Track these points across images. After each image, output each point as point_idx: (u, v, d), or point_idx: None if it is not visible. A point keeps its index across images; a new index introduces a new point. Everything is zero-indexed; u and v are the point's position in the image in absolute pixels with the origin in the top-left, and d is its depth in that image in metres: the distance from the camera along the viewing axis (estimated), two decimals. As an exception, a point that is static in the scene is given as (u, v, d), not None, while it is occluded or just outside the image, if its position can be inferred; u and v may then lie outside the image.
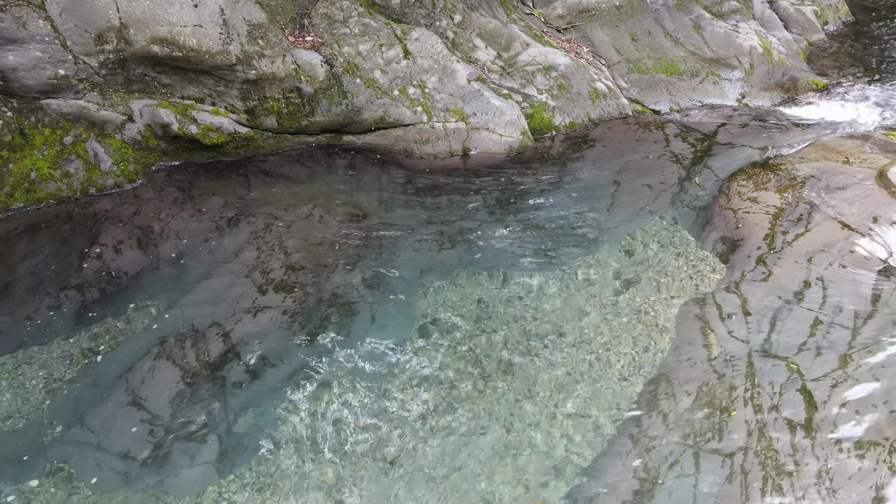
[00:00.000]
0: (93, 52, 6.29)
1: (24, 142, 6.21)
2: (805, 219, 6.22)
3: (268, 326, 5.27)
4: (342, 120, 7.54)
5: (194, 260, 5.90)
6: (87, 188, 6.53)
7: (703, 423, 4.46)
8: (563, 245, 6.33)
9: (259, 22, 6.96)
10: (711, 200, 6.97)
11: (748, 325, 5.23)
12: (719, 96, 9.80)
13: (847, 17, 13.57)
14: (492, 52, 8.94)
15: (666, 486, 4.09)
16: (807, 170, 7.00)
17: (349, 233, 6.34)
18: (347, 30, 7.82)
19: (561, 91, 8.71)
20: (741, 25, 11.00)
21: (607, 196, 7.13)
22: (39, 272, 5.60)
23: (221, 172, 7.11)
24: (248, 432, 4.50)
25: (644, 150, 8.11)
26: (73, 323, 5.22)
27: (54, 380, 4.75)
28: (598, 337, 5.29)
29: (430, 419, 4.61)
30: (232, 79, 6.79)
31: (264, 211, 6.53)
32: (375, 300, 5.61)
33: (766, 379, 4.73)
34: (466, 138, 7.84)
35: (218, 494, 4.11)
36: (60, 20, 6.10)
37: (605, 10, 9.96)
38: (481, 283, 5.84)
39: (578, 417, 4.62)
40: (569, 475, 4.24)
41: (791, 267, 5.70)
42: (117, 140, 6.73)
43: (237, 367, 4.91)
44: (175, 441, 4.38)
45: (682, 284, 5.83)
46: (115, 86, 6.61)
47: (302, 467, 4.28)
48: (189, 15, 6.34)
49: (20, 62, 6.01)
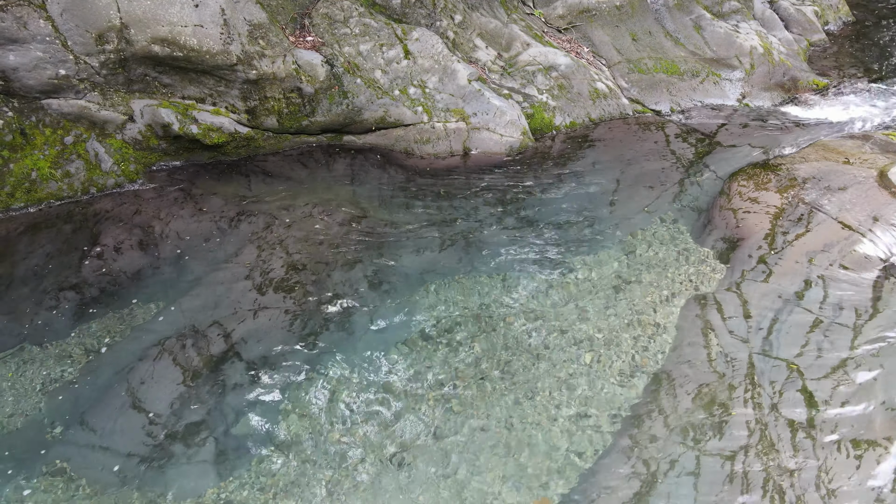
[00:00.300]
0: (93, 52, 6.30)
1: (24, 142, 6.22)
2: (805, 219, 6.21)
3: (268, 326, 5.27)
4: (343, 120, 7.54)
5: (195, 260, 5.91)
6: (88, 188, 6.54)
7: (704, 422, 4.47)
8: (563, 245, 6.33)
9: (260, 22, 6.97)
10: (712, 200, 6.97)
11: (748, 325, 5.23)
12: (720, 96, 9.80)
13: (847, 17, 13.56)
14: (492, 52, 8.94)
15: (666, 485, 4.09)
16: (807, 170, 6.99)
17: (350, 233, 6.34)
18: (348, 30, 7.82)
19: (561, 91, 8.71)
20: (742, 25, 11.00)
21: (608, 196, 7.14)
22: (40, 272, 5.61)
23: (222, 172, 7.12)
24: (249, 432, 4.50)
25: (644, 150, 8.11)
26: (74, 322, 5.23)
27: (54, 379, 4.76)
28: (598, 336, 5.29)
29: (430, 419, 4.61)
30: (232, 79, 6.79)
31: (265, 211, 6.54)
32: (376, 300, 5.62)
33: (766, 379, 4.73)
34: (467, 138, 7.84)
35: (217, 495, 4.11)
36: (61, 20, 6.10)
37: (606, 10, 9.96)
38: (482, 283, 5.84)
39: (579, 417, 4.63)
40: (569, 475, 4.24)
41: (791, 267, 5.70)
42: (118, 140, 6.73)
43: (238, 367, 4.92)
44: (175, 441, 4.39)
45: (682, 284, 5.83)
46: (115, 86, 6.62)
47: (302, 467, 4.28)
48: (190, 15, 6.35)
49: (21, 62, 6.02)
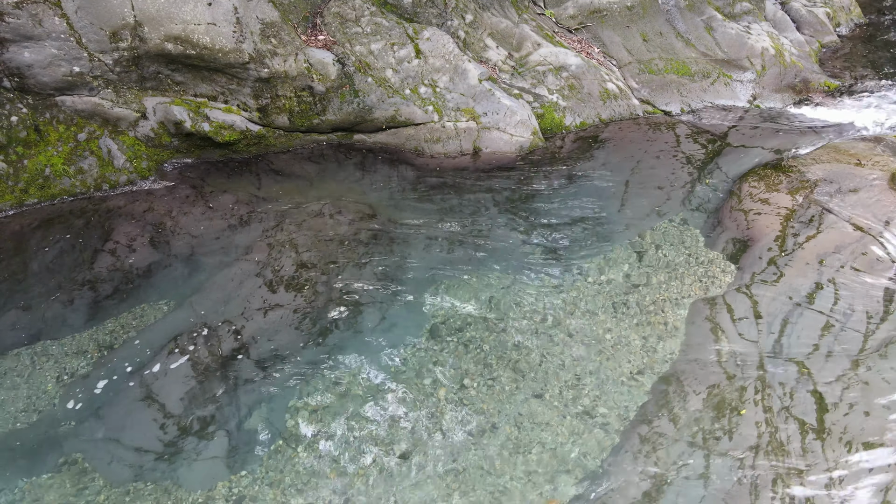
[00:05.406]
0: (107, 50, 6.34)
1: (38, 138, 6.27)
2: (816, 221, 6.19)
3: (279, 324, 5.30)
4: (353, 119, 7.56)
5: (206, 257, 5.94)
6: (101, 184, 6.59)
7: (713, 423, 4.46)
8: (572, 245, 6.33)
9: (272, 20, 7.00)
10: (722, 202, 6.95)
11: (759, 327, 5.22)
12: (730, 98, 9.76)
13: (859, 18, 13.48)
14: (503, 52, 8.95)
15: (675, 486, 4.09)
16: (819, 172, 6.97)
17: (359, 231, 6.36)
18: (359, 29, 7.85)
19: (572, 91, 8.71)
20: (753, 27, 10.96)
21: (618, 196, 7.13)
22: (54, 267, 5.66)
23: (233, 170, 7.15)
24: (259, 428, 4.53)
25: (655, 150, 8.09)
26: (87, 318, 5.28)
27: (68, 374, 4.80)
28: (607, 337, 5.29)
29: (439, 417, 4.63)
30: (244, 77, 6.83)
31: (275, 208, 6.57)
32: (385, 298, 5.64)
33: (776, 381, 4.72)
34: (477, 138, 7.85)
35: (228, 489, 4.14)
36: (76, 17, 6.16)
37: (617, 10, 9.95)
38: (491, 282, 5.85)
39: (588, 417, 4.63)
40: (578, 474, 4.24)
41: (802, 269, 5.68)
42: (131, 137, 6.78)
43: (248, 364, 4.95)
44: (187, 435, 4.42)
45: (691, 285, 5.82)
46: (129, 83, 6.67)
47: (312, 463, 4.31)
48: (203, 13, 6.38)
49: (36, 59, 6.07)
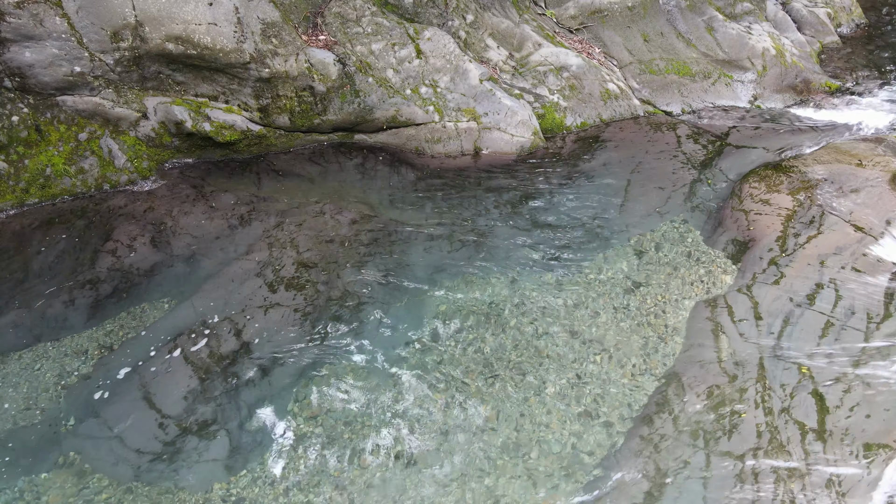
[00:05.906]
0: (108, 50, 6.35)
1: (39, 138, 6.28)
2: (817, 221, 6.19)
3: (279, 324, 5.30)
4: (354, 119, 7.56)
5: (206, 257, 5.95)
6: (102, 184, 6.60)
7: (714, 424, 4.46)
8: (573, 245, 6.33)
9: (273, 20, 7.00)
10: (723, 202, 6.95)
11: (759, 328, 5.21)
12: (731, 98, 9.75)
13: (860, 19, 13.46)
14: (504, 52, 8.95)
15: (676, 486, 4.09)
16: (819, 172, 6.96)
17: (360, 231, 6.36)
18: (360, 29, 7.85)
19: (573, 91, 8.70)
20: (754, 27, 10.94)
21: (618, 197, 7.12)
22: (54, 267, 5.66)
23: (234, 170, 7.16)
24: (259, 428, 4.53)
25: (655, 151, 8.09)
26: (88, 318, 5.28)
27: (68, 374, 4.81)
28: (608, 337, 5.29)
29: (440, 418, 4.63)
30: (245, 77, 6.83)
31: (276, 208, 6.57)
32: (386, 299, 5.64)
33: (777, 381, 4.71)
34: (478, 138, 7.85)
35: (227, 490, 4.15)
36: (77, 17, 6.16)
37: (618, 10, 9.94)
38: (492, 282, 5.85)
39: (588, 417, 4.63)
40: (579, 475, 4.24)
41: (803, 269, 5.67)
42: (131, 137, 6.78)
43: (248, 364, 4.95)
44: (187, 435, 4.42)
45: (692, 286, 5.82)
46: (129, 83, 6.67)
47: (312, 464, 4.30)
48: (204, 13, 6.38)
49: (37, 59, 6.07)
